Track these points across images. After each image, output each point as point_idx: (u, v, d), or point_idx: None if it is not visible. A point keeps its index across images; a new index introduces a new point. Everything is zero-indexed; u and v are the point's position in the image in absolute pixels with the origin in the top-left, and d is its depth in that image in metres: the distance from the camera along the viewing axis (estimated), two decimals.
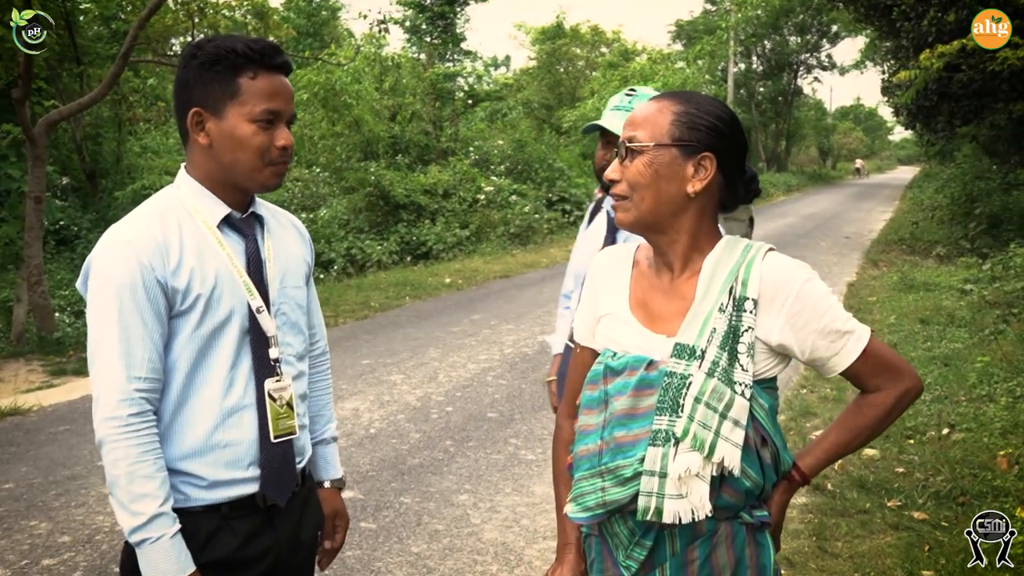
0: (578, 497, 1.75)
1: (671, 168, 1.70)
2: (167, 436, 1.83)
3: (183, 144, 1.92)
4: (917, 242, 17.07)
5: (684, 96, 1.76)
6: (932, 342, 8.07)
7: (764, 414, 1.69)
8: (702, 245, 1.77)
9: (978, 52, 10.85)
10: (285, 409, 1.94)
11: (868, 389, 1.78)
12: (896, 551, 4.06)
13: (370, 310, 10.49)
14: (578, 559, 1.87)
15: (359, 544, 4.18)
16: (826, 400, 6.50)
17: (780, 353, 1.73)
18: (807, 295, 1.70)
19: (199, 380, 1.84)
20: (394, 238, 16.03)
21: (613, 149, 2.50)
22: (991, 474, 4.80)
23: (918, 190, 31.39)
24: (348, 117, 19.05)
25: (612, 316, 1.82)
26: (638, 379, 1.69)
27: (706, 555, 1.70)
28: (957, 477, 4.81)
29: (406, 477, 5.06)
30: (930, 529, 4.26)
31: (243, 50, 1.82)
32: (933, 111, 13.59)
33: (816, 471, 1.81)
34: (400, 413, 6.31)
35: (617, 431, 1.69)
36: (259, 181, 1.88)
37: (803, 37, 44.14)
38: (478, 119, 24.69)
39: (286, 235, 2.08)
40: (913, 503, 4.57)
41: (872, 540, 4.18)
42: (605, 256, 1.94)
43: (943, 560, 3.91)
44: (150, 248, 1.78)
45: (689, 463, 1.61)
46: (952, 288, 10.71)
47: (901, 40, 13.26)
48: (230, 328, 1.86)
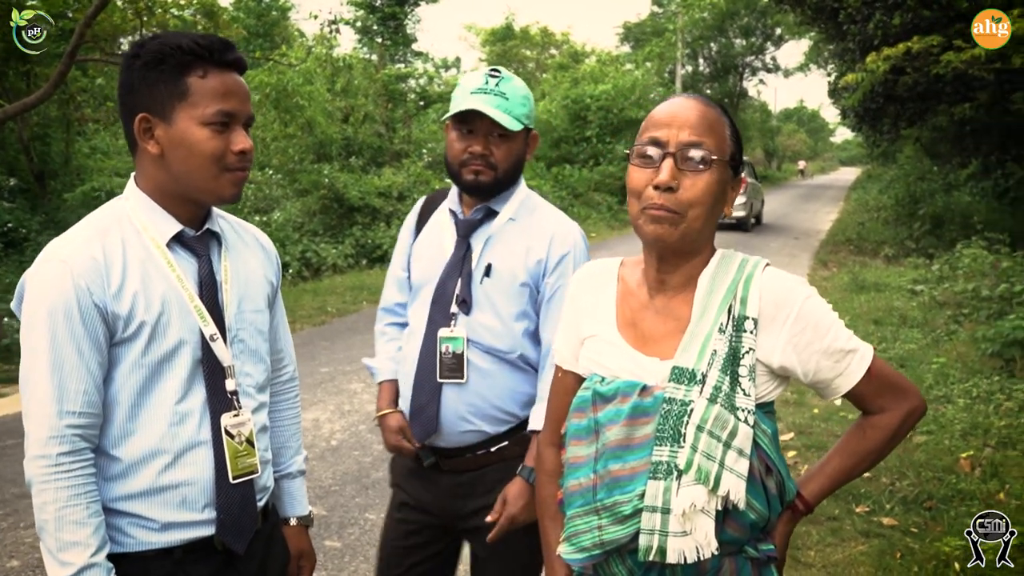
0: (572, 537, 1.62)
1: (725, 187, 1.61)
2: (110, 474, 1.66)
3: (131, 153, 1.74)
4: (864, 242, 17.30)
5: (718, 104, 1.66)
6: (887, 343, 8.12)
7: (767, 441, 1.58)
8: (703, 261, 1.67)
9: (922, 55, 11.00)
10: (245, 446, 1.76)
11: (872, 410, 1.68)
12: (868, 559, 4.02)
13: (327, 315, 10.27)
14: None
15: (324, 564, 4.02)
16: (787, 404, 6.47)
17: (780, 375, 1.63)
18: (809, 313, 1.59)
19: (145, 414, 1.67)
20: (349, 241, 15.77)
21: (479, 135, 2.29)
22: (955, 478, 4.81)
23: (862, 191, 31.92)
24: (300, 119, 18.74)
25: (598, 338, 1.69)
26: (631, 406, 1.56)
27: None
28: (923, 481, 4.80)
29: (370, 491, 4.90)
30: (900, 535, 4.24)
31: (190, 47, 1.65)
32: (879, 113, 13.76)
33: (820, 499, 1.70)
34: (362, 423, 6.13)
35: (612, 464, 1.57)
36: (215, 192, 1.71)
37: (748, 40, 44.58)
38: (430, 121, 24.48)
39: (247, 252, 1.90)
40: (881, 508, 4.54)
41: (844, 548, 4.13)
42: (585, 273, 1.80)
43: (915, 568, 3.89)
44: (88, 269, 1.61)
45: (694, 497, 1.50)
46: (902, 288, 10.83)
47: (847, 43, 13.38)
48: (179, 358, 1.69)
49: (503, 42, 32.05)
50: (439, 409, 2.33)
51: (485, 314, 2.32)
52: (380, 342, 2.60)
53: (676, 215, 1.55)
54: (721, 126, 1.60)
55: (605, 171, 24.94)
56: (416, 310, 2.43)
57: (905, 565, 3.92)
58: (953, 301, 9.27)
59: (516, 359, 2.35)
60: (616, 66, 30.57)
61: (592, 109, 25.76)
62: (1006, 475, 4.72)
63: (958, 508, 4.44)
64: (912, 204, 19.27)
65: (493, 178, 2.32)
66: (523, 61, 32.79)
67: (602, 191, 24.73)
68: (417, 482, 2.45)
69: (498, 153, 2.31)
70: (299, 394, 2.15)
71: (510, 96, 2.31)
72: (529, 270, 2.33)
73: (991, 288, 8.75)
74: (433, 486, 2.42)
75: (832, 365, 1.59)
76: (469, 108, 2.27)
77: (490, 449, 2.39)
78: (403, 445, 2.39)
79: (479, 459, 2.39)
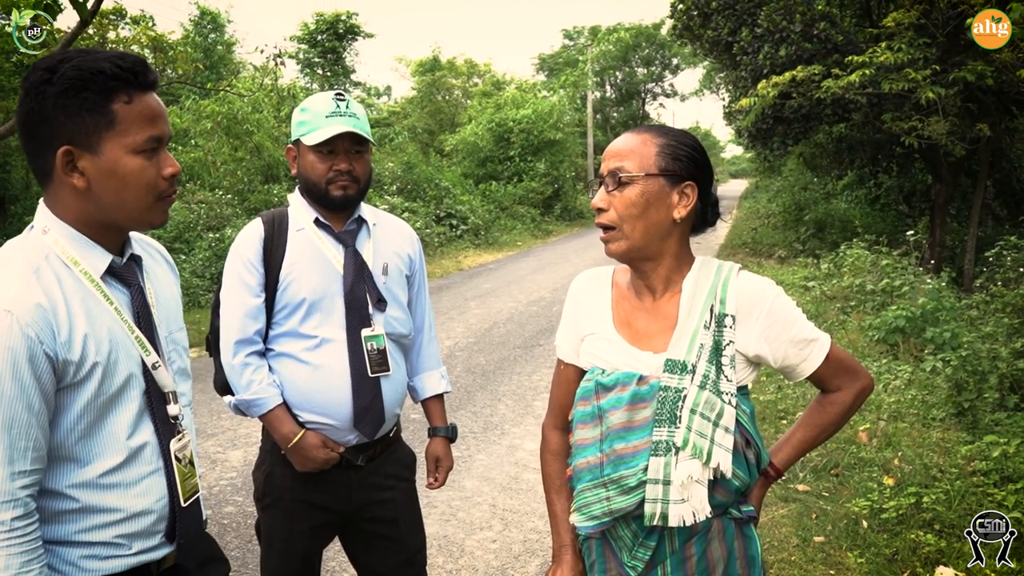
0: (583, 507, 1.70)
1: (659, 196, 1.66)
2: (63, 511, 1.46)
3: (41, 184, 1.48)
4: (759, 245, 17.77)
5: (660, 128, 1.73)
6: None
7: (747, 418, 1.68)
8: (681, 267, 1.74)
9: (806, 82, 11.38)
10: (189, 468, 1.61)
11: (829, 389, 1.80)
12: (789, 520, 4.17)
13: None
14: (576, 560, 1.82)
15: None
16: None
17: (755, 363, 1.73)
18: (778, 309, 1.70)
19: (97, 452, 1.48)
20: None
21: (340, 153, 2.26)
22: (856, 448, 5.00)
23: (752, 200, 32.72)
24: (249, 143, 18.42)
25: (597, 336, 1.77)
26: (631, 394, 1.65)
27: (702, 550, 1.68)
28: (829, 452, 4.98)
29: None
30: (814, 499, 4.40)
31: (113, 71, 1.41)
32: (769, 132, 14.13)
33: (788, 465, 1.82)
34: None
35: (616, 443, 1.65)
36: (147, 220, 1.51)
37: (649, 69, 45.45)
38: None
39: (161, 272, 1.72)
40: (796, 477, 4.70)
41: (767, 512, 4.27)
42: (584, 279, 1.88)
43: (829, 526, 4.05)
44: (36, 318, 1.38)
45: (690, 470, 1.59)
46: (796, 285, 11.16)
47: (740, 71, 13.73)
48: (129, 392, 1.51)
49: (431, 72, 31.93)
50: (383, 403, 2.34)
51: (393, 308, 2.40)
52: (247, 373, 2.29)
53: (613, 230, 1.67)
54: (645, 147, 1.67)
55: (528, 187, 25.19)
56: (318, 323, 2.30)
57: (820, 524, 4.09)
58: (841, 295, 9.60)
59: (408, 340, 2.49)
60: (535, 93, 30.84)
61: (514, 131, 25.96)
62: (898, 444, 4.94)
63: (860, 474, 4.63)
64: (797, 211, 19.90)
65: (357, 190, 2.34)
66: (450, 89, 32.74)
67: (525, 204, 24.94)
68: (331, 486, 2.36)
69: (359, 167, 2.33)
70: None
71: (360, 116, 2.33)
72: (405, 263, 2.48)
73: (874, 283, 9.10)
74: (346, 483, 2.37)
75: (798, 352, 1.71)
76: (340, 132, 2.23)
77: (399, 429, 2.53)
78: (332, 456, 2.30)
79: (390, 440, 2.47)
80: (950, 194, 13.36)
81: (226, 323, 2.34)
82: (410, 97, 33.42)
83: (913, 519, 3.92)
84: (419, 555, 2.51)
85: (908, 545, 3.69)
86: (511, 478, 5.00)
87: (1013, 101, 11.44)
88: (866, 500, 4.16)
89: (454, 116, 31.06)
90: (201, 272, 12.53)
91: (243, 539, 4.13)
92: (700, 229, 1.81)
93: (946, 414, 5.50)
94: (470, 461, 5.24)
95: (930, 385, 6.04)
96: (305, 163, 2.31)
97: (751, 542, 1.73)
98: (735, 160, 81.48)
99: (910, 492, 4.08)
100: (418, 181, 20.86)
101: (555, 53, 44.29)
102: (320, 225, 2.36)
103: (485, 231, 21.11)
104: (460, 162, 26.10)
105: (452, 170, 24.95)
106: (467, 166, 26.03)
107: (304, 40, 23.40)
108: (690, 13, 14.38)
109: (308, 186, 2.33)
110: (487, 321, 10.11)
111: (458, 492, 4.73)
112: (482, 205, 22.36)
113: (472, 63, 33.63)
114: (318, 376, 2.30)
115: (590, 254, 17.29)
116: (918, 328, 7.23)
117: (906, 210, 16.98)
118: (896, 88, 10.06)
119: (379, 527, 2.44)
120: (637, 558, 1.68)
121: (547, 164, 26.17)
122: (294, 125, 2.35)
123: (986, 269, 9.83)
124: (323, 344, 2.30)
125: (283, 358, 2.33)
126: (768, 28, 12.43)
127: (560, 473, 1.86)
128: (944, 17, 10.51)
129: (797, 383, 6.16)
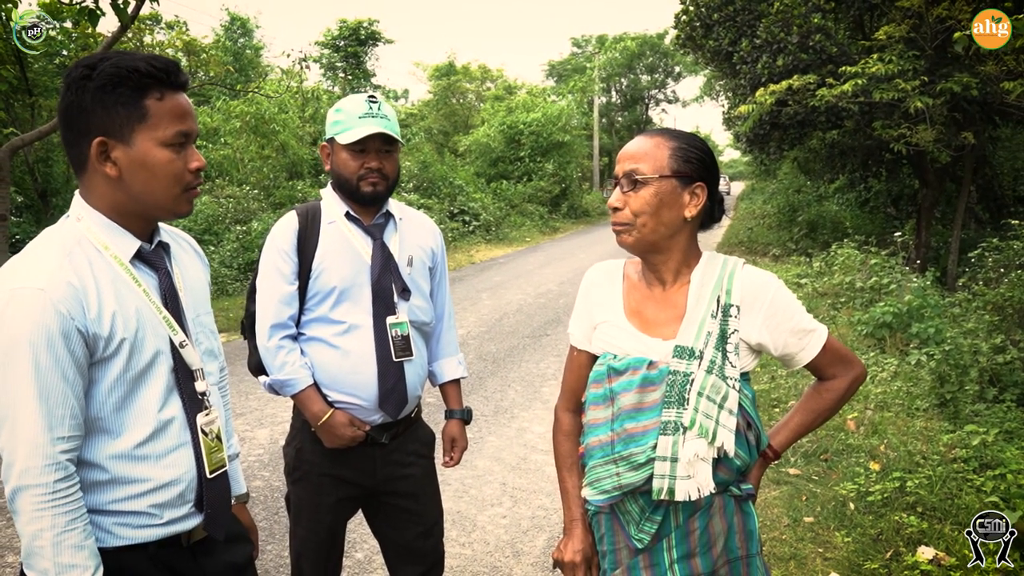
0: (594, 482, 1.73)
1: (672, 197, 1.69)
2: (97, 481, 1.49)
3: (76, 174, 1.53)
4: (754, 244, 17.75)
5: (672, 132, 1.76)
6: None
7: (748, 402, 1.71)
8: (689, 260, 1.77)
9: (801, 91, 11.36)
10: (215, 442, 1.63)
11: (825, 377, 1.82)
12: (780, 502, 4.20)
13: None
14: (585, 533, 1.85)
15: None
16: None
17: (757, 350, 1.76)
18: (779, 300, 1.73)
19: (128, 424, 1.51)
20: None
21: (371, 152, 2.28)
22: (844, 435, 5.01)
23: (748, 202, 32.64)
24: (275, 142, 18.47)
25: (609, 324, 1.80)
26: (641, 377, 1.68)
27: (704, 525, 1.71)
28: (819, 439, 5.00)
29: None
30: (804, 482, 4.42)
31: (147, 69, 1.46)
32: (766, 138, 14.09)
33: (785, 448, 1.85)
34: None
35: (627, 423, 1.68)
36: (173, 209, 1.55)
37: (652, 76, 45.34)
38: None
39: (188, 260, 1.75)
40: (787, 461, 4.73)
41: (760, 494, 4.28)
42: (597, 271, 1.90)
43: (818, 507, 4.07)
44: (67, 295, 1.41)
45: (697, 449, 1.62)
46: (789, 282, 11.11)
47: (739, 80, 13.70)
48: (157, 368, 1.54)
49: (447, 77, 31.94)
50: (406, 386, 2.38)
51: (416, 297, 2.43)
52: (280, 355, 2.32)
53: (628, 226, 1.70)
54: (658, 150, 1.69)
55: (537, 185, 25.21)
56: (347, 310, 2.33)
57: (810, 505, 4.11)
58: (832, 292, 9.57)
59: (429, 328, 2.52)
60: (544, 97, 30.82)
61: (525, 134, 25.99)
62: (884, 432, 4.95)
63: (848, 459, 4.65)
64: (791, 212, 19.85)
65: (386, 187, 2.36)
66: (464, 93, 32.76)
67: (534, 202, 24.97)
68: (356, 461, 2.39)
69: (388, 166, 2.35)
70: (228, 383, 1.92)
71: (390, 117, 2.35)
72: (429, 256, 2.51)
73: (864, 281, 9.08)
74: (371, 459, 2.40)
75: (797, 341, 1.73)
76: (372, 132, 2.26)
77: (420, 410, 2.56)
78: (358, 434, 2.34)
79: (412, 420, 2.50)
80: (936, 198, 13.32)
81: (262, 308, 2.36)
82: (426, 100, 33.43)
83: (897, 502, 3.94)
84: (436, 527, 2.55)
85: (892, 526, 3.71)
86: (520, 459, 5.03)
87: (996, 111, 11.40)
88: (853, 484, 4.18)
89: (468, 118, 31.07)
90: (229, 262, 12.59)
91: (270, 511, 4.18)
92: (707, 225, 1.83)
93: (929, 404, 5.51)
94: (482, 442, 5.27)
95: (915, 377, 6.04)
96: (338, 160, 2.34)
97: (749, 518, 1.75)
98: (732, 163, 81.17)
99: (894, 477, 4.10)
100: (433, 179, 20.90)
101: (564, 60, 44.29)
102: (351, 218, 2.39)
103: (496, 227, 21.13)
104: (473, 162, 26.13)
105: (465, 169, 24.98)
106: (479, 166, 26.06)
107: (328, 45, 23.46)
108: (693, 24, 14.35)
109: (340, 182, 2.36)
110: (498, 312, 10.14)
111: (470, 471, 4.77)
112: (493, 203, 22.39)
113: (485, 69, 33.61)
114: (347, 359, 2.33)
115: (595, 250, 17.31)
116: (904, 324, 7.22)
117: (894, 213, 16.93)
118: (886, 97, 10.04)
119: (400, 500, 2.47)
120: (644, 531, 1.71)
121: (555, 165, 26.18)
122: (328, 124, 2.37)
123: (968, 269, 9.82)
124: (351, 330, 2.33)
125: (314, 342, 2.36)
126: (767, 39, 12.41)
127: (572, 452, 1.89)
128: (933, 31, 10.47)
129: (789, 374, 6.19)
